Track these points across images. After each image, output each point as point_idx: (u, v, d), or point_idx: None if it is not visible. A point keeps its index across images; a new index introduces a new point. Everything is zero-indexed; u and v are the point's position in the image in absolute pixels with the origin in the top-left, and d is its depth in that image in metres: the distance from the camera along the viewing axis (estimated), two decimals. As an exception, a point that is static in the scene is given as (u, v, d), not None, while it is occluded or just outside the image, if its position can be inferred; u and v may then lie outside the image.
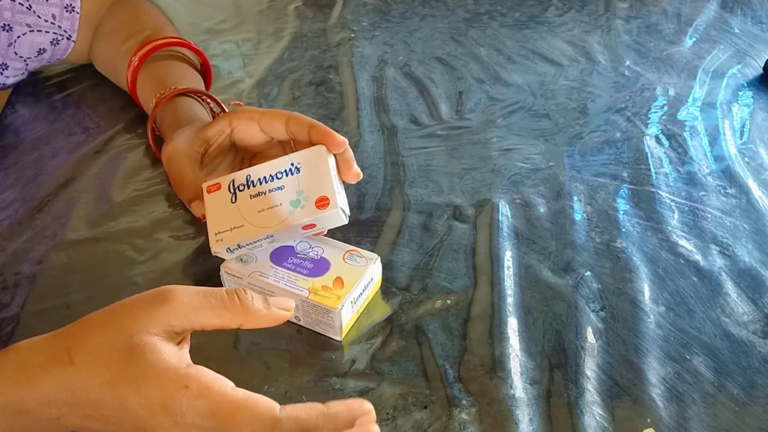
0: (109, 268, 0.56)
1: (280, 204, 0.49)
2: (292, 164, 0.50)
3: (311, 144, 0.51)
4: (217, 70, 0.81)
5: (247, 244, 0.50)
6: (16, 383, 0.34)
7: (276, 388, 0.48)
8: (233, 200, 0.50)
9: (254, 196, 0.50)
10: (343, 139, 0.50)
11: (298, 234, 0.50)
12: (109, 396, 0.34)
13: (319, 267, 0.51)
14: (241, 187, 0.51)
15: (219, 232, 0.50)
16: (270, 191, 0.50)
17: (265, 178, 0.50)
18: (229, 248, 0.50)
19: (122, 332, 0.35)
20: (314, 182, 0.49)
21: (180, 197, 0.55)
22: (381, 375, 0.49)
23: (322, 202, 0.48)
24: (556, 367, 0.50)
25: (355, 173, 0.50)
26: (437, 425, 0.46)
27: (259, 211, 0.49)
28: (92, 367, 0.34)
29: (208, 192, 0.52)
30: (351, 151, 0.51)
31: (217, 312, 0.37)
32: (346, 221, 0.50)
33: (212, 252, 0.50)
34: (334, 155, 0.50)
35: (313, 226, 0.50)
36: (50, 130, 0.72)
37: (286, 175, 0.50)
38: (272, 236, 0.49)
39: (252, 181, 0.51)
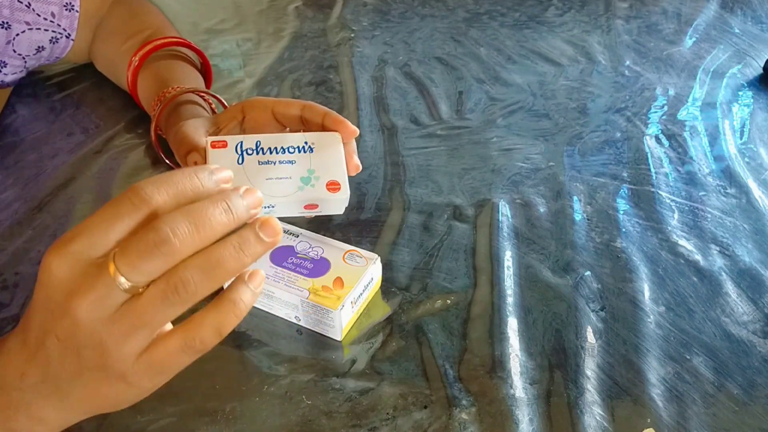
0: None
1: (290, 177, 0.48)
2: (306, 142, 0.50)
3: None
4: (217, 70, 0.81)
5: None
6: None
7: (276, 388, 0.48)
8: (240, 161, 0.49)
9: (263, 163, 0.49)
10: (356, 129, 0.51)
11: (297, 211, 0.50)
12: (34, 308, 0.34)
13: (319, 267, 0.51)
14: (250, 151, 0.50)
15: None
16: (280, 162, 0.49)
17: (276, 148, 0.50)
18: None
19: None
20: (327, 165, 0.49)
21: (177, 156, 0.54)
22: (381, 375, 0.49)
23: (333, 186, 0.48)
24: (556, 367, 0.50)
25: (355, 165, 0.51)
26: (437, 425, 0.46)
27: (266, 179, 0.49)
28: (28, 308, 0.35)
29: (213, 147, 0.50)
30: (354, 143, 0.52)
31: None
32: (342, 211, 0.50)
33: None
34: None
35: (315, 206, 0.49)
36: (50, 130, 0.72)
37: (299, 151, 0.50)
38: (273, 206, 0.49)
39: (262, 148, 0.50)
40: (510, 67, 0.85)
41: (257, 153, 0.50)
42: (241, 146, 0.50)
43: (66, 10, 0.69)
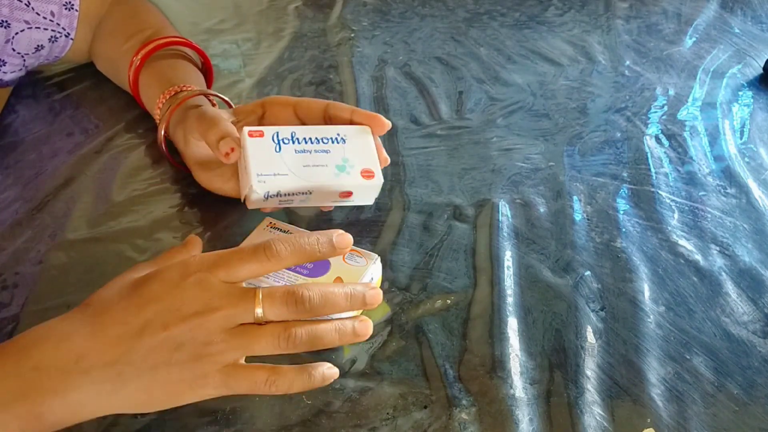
0: (109, 268, 0.56)
1: (326, 165, 0.52)
2: (338, 134, 0.53)
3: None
4: (217, 69, 0.81)
5: (287, 194, 0.52)
6: (32, 332, 0.39)
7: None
8: (277, 150, 0.52)
9: (299, 152, 0.52)
10: (389, 122, 0.53)
11: (333, 198, 0.53)
12: (116, 289, 0.39)
13: (319, 267, 0.51)
14: (286, 141, 0.52)
15: (262, 174, 0.51)
16: (316, 151, 0.52)
17: (310, 138, 0.53)
18: (268, 193, 0.51)
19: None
20: (360, 155, 0.52)
21: (207, 138, 0.53)
22: (381, 375, 0.49)
23: (368, 173, 0.52)
24: (556, 367, 0.50)
25: (385, 158, 0.54)
26: (437, 425, 0.46)
27: (304, 165, 0.51)
28: (102, 292, 0.40)
29: (250, 136, 0.52)
30: (379, 139, 0.55)
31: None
32: (373, 201, 0.55)
33: (251, 192, 0.51)
34: None
35: (349, 194, 0.52)
36: (50, 130, 0.72)
37: (333, 142, 0.53)
38: (311, 193, 0.52)
39: (297, 138, 0.53)
40: (510, 67, 0.85)
41: (293, 142, 0.53)
42: (278, 136, 0.53)
43: (65, 9, 0.69)
